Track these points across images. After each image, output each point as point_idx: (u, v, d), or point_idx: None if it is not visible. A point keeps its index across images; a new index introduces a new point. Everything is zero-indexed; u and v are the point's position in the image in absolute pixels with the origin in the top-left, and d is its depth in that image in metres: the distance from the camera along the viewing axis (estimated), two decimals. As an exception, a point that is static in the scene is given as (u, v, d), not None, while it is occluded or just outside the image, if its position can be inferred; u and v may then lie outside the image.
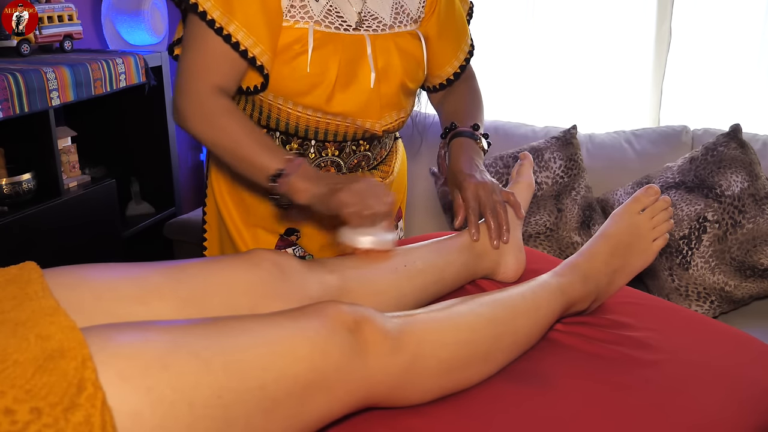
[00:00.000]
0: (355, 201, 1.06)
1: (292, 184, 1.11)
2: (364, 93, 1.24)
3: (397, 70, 1.27)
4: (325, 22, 1.21)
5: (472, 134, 1.33)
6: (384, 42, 1.26)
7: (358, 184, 1.08)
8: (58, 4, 2.21)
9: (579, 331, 1.09)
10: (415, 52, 1.30)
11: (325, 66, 1.20)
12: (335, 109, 1.23)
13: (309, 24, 1.19)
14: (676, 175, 2.10)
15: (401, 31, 1.28)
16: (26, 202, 1.97)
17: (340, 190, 1.07)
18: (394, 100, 1.29)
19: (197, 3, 1.13)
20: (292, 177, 1.11)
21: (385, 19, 1.27)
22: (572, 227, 2.13)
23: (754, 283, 1.99)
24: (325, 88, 1.21)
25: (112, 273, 0.93)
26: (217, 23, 1.14)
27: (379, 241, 1.10)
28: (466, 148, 1.31)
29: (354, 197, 1.06)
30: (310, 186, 1.11)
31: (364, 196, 1.07)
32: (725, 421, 0.91)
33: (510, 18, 2.60)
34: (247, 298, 0.97)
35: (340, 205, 1.07)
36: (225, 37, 1.14)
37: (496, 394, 0.93)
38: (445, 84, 1.42)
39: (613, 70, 2.54)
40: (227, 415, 0.72)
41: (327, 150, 1.30)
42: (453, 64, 1.40)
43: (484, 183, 1.22)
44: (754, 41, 2.37)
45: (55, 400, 0.63)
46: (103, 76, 2.07)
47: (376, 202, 1.06)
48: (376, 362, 0.84)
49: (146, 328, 0.76)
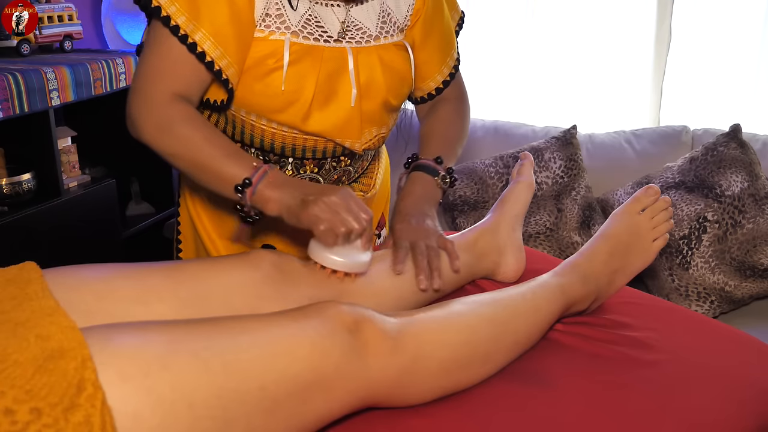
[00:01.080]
0: (328, 216, 0.97)
1: (260, 194, 1.02)
2: (344, 111, 1.15)
3: (380, 87, 1.17)
4: (303, 32, 1.10)
5: (432, 169, 1.22)
6: (367, 56, 1.16)
7: (333, 196, 0.98)
8: (58, 4, 2.21)
9: (579, 331, 1.09)
10: (401, 66, 1.20)
11: (301, 83, 1.10)
12: (312, 128, 1.14)
13: (285, 35, 1.09)
14: (676, 175, 2.10)
15: (387, 42, 1.18)
16: (26, 202, 1.97)
17: (313, 203, 0.98)
18: (376, 117, 1.20)
19: (160, 6, 1.03)
20: (259, 185, 1.01)
21: (371, 29, 1.16)
22: (572, 227, 2.13)
23: (754, 283, 1.99)
24: (301, 106, 1.12)
25: (112, 273, 0.93)
26: (181, 30, 1.04)
27: (351, 264, 1.01)
28: (418, 187, 1.21)
29: (327, 212, 0.97)
30: (281, 195, 1.01)
31: (339, 211, 0.97)
32: (725, 421, 0.91)
33: (510, 18, 2.60)
34: (246, 299, 0.97)
35: (311, 219, 0.97)
36: (190, 45, 1.04)
37: (496, 394, 0.93)
38: (426, 98, 1.31)
39: (613, 70, 2.53)
40: (227, 416, 0.72)
41: (305, 167, 1.21)
42: (436, 79, 1.29)
43: (419, 228, 1.13)
44: (754, 41, 2.37)
45: (55, 401, 0.63)
46: (103, 76, 2.07)
47: (351, 218, 0.97)
48: (376, 362, 0.84)
49: (146, 328, 0.76)
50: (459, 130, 1.32)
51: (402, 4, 1.20)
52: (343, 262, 1.00)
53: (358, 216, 0.98)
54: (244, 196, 1.02)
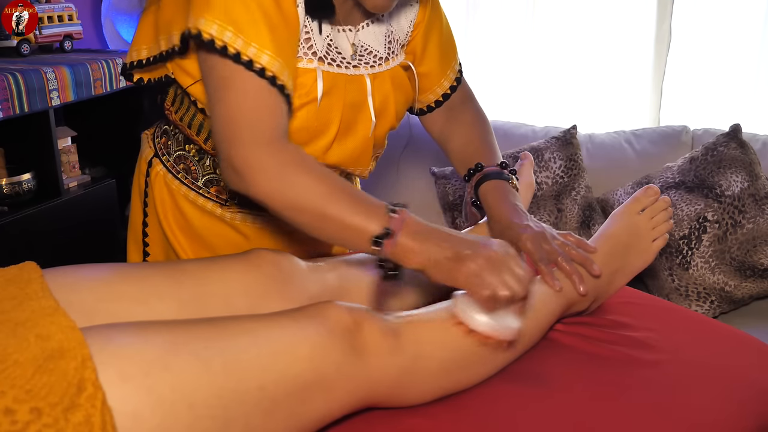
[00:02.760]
0: (490, 279, 0.86)
1: (401, 245, 0.89)
2: (361, 141, 1.10)
3: (391, 112, 1.13)
4: (328, 59, 1.04)
5: (501, 174, 1.17)
6: (382, 81, 1.11)
7: (491, 250, 0.88)
8: (58, 4, 2.21)
9: (579, 331, 1.09)
10: (408, 86, 1.16)
11: (329, 115, 1.04)
12: (331, 160, 1.09)
13: (313, 62, 1.01)
14: (676, 175, 2.10)
15: (395, 65, 1.14)
16: (26, 202, 1.97)
17: (469, 258, 0.87)
18: (380, 141, 1.17)
19: (213, 39, 0.92)
20: (399, 236, 0.90)
21: (380, 51, 1.11)
22: (572, 227, 2.13)
23: (754, 283, 1.99)
24: (326, 139, 1.06)
25: (112, 273, 0.93)
26: (243, 55, 0.92)
27: (500, 328, 0.89)
28: (502, 194, 1.14)
29: (489, 272, 0.86)
30: (426, 247, 0.89)
31: (500, 271, 0.87)
32: (725, 421, 0.91)
33: (510, 18, 2.60)
34: (246, 298, 0.97)
35: (471, 280, 0.87)
36: (258, 71, 0.92)
37: (496, 394, 0.93)
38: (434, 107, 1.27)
39: (613, 70, 2.53)
40: (227, 416, 0.72)
41: None
42: (443, 85, 1.25)
43: (542, 232, 1.08)
44: (754, 41, 2.37)
45: (55, 400, 0.63)
46: (103, 76, 2.07)
47: (514, 282, 0.87)
48: (376, 362, 0.84)
49: (146, 328, 0.76)
50: (491, 131, 1.29)
51: (403, 21, 1.17)
52: (492, 324, 0.89)
53: (522, 279, 0.88)
54: (382, 248, 0.90)
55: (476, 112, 1.30)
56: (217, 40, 0.92)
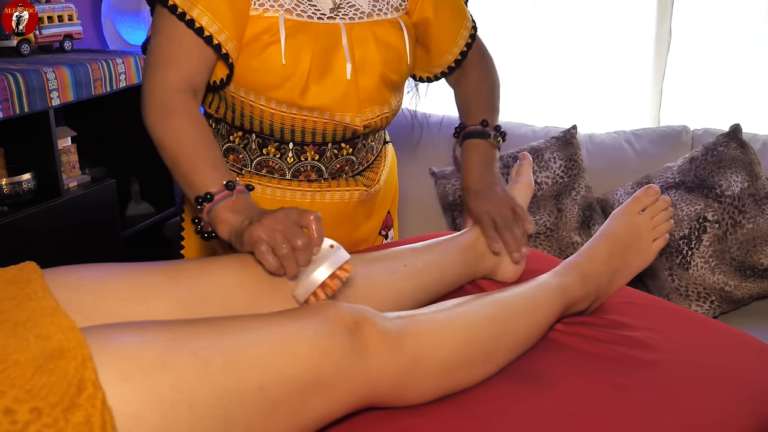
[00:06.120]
0: (268, 236, 0.89)
1: (216, 214, 0.99)
2: (341, 85, 1.17)
3: (375, 62, 1.20)
4: (297, 10, 1.15)
5: (482, 132, 1.29)
6: (361, 31, 1.19)
7: (275, 214, 0.92)
8: (58, 4, 2.21)
9: (579, 331, 1.09)
10: (396, 42, 1.22)
11: (297, 57, 1.14)
12: (310, 102, 1.17)
13: (279, 12, 1.13)
14: (676, 175, 2.10)
15: (380, 19, 1.22)
16: (26, 202, 1.97)
17: (255, 223, 0.92)
18: (375, 93, 1.22)
19: None
20: (219, 204, 0.99)
21: (363, 6, 1.21)
22: (572, 227, 2.13)
23: (754, 283, 1.99)
24: (297, 80, 1.14)
25: (111, 273, 0.93)
26: (179, 8, 1.08)
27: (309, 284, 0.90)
28: (476, 154, 1.28)
29: (267, 231, 0.90)
30: (233, 219, 0.97)
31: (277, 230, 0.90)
32: (725, 421, 0.91)
33: (510, 18, 2.60)
34: (245, 298, 0.97)
35: (252, 241, 0.91)
36: (188, 22, 1.08)
37: (496, 394, 0.93)
38: (447, 72, 1.36)
39: (613, 70, 2.53)
40: (228, 416, 0.72)
41: (306, 154, 1.23)
42: (453, 51, 1.32)
43: (491, 200, 1.20)
44: (754, 41, 2.37)
45: (55, 400, 0.63)
46: (103, 76, 2.07)
47: (292, 235, 0.89)
48: (376, 362, 0.84)
49: (146, 328, 0.76)
50: (490, 87, 1.38)
51: None
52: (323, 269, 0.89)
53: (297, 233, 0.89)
54: (202, 209, 1.01)
55: (485, 71, 1.40)
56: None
